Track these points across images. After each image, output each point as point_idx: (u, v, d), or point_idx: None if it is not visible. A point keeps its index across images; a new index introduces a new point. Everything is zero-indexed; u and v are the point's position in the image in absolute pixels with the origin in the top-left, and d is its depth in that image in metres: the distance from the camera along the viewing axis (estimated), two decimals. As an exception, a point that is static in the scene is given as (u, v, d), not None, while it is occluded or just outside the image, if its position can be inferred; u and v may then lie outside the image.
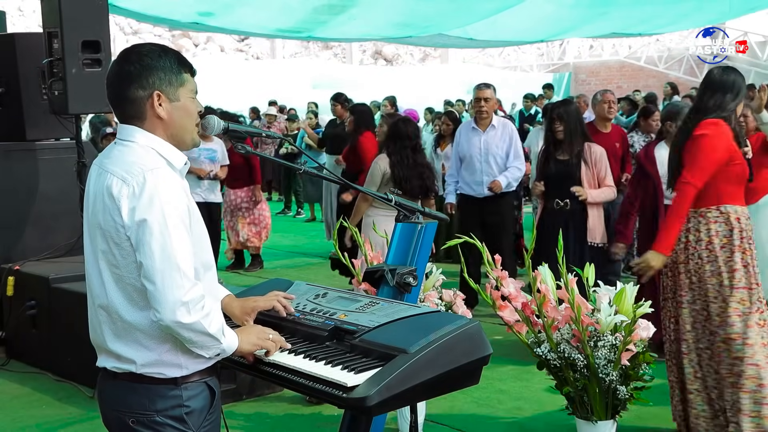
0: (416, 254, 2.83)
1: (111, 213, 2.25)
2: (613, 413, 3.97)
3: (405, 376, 2.17)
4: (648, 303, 3.89)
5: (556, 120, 6.02)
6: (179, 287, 2.19)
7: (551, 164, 6.07)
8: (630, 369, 3.90)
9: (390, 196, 2.84)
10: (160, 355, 2.29)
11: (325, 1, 11.86)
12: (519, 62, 28.68)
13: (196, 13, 11.98)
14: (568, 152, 6.00)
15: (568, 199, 5.95)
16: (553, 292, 3.98)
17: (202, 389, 2.37)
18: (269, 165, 15.48)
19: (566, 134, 5.98)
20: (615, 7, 14.11)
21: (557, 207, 6.02)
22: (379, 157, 5.97)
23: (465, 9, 12.84)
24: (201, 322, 2.22)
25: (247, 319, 2.58)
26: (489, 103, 6.91)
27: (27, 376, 5.92)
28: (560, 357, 3.94)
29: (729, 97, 4.21)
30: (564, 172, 5.98)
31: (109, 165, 2.31)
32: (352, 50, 30.26)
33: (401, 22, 13.53)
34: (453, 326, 2.30)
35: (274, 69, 23.65)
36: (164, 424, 2.31)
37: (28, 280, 6.11)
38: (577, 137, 6.00)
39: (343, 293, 2.71)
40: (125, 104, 2.34)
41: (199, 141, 2.47)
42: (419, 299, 3.50)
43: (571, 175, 5.95)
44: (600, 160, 5.99)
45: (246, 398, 5.25)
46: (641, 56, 25.47)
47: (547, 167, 6.11)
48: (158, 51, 2.35)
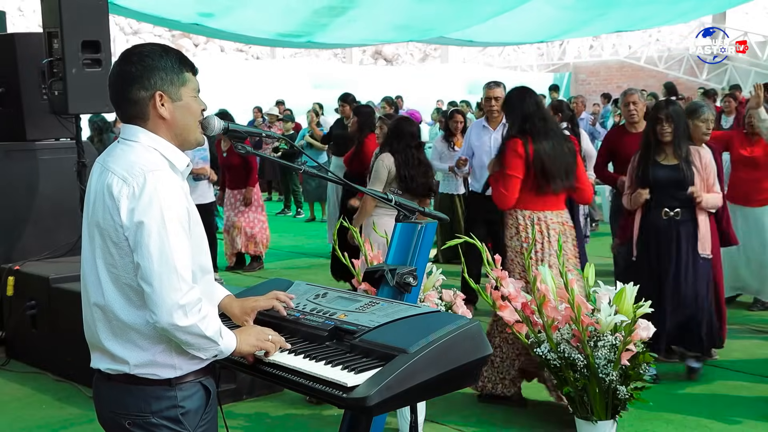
0: (416, 254, 2.83)
1: (111, 212, 2.25)
2: (613, 413, 3.98)
3: (405, 376, 2.17)
4: (648, 303, 3.90)
5: (664, 121, 5.36)
6: (176, 290, 2.19)
7: (656, 170, 5.40)
8: (630, 369, 3.91)
9: (390, 196, 2.84)
10: (153, 356, 2.29)
11: (325, 2, 11.86)
12: (519, 62, 28.67)
13: (197, 14, 11.98)
14: (677, 156, 5.38)
15: (678, 209, 5.35)
16: (553, 292, 3.99)
17: (197, 389, 2.37)
18: (269, 165, 15.49)
19: (675, 137, 5.36)
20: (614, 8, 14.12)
21: (666, 217, 5.37)
22: (383, 156, 5.95)
23: (465, 12, 12.84)
24: (198, 325, 2.23)
25: (247, 320, 2.59)
26: (500, 101, 6.91)
27: (27, 376, 5.92)
28: (560, 357, 3.94)
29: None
30: (673, 179, 5.35)
31: (111, 163, 2.32)
32: (352, 50, 30.22)
33: (402, 25, 13.53)
34: (453, 326, 2.30)
35: (274, 69, 23.61)
36: (160, 425, 2.31)
37: (28, 280, 6.11)
38: (685, 140, 5.42)
39: (343, 293, 2.71)
40: (128, 105, 2.34)
41: (203, 140, 2.47)
42: (419, 299, 3.50)
43: (681, 182, 5.32)
44: (709, 165, 5.44)
45: (246, 398, 5.25)
46: (641, 56, 25.47)
47: (649, 173, 5.41)
48: (159, 51, 2.35)
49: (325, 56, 31.76)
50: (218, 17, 12.21)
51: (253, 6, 11.73)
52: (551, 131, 5.05)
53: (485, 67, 27.77)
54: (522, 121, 5.02)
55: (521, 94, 5.17)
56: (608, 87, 23.73)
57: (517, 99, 5.14)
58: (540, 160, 4.90)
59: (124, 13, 12.76)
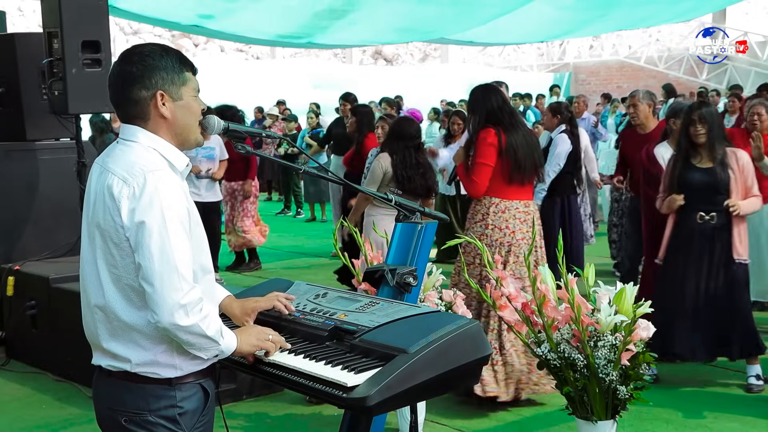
0: (416, 254, 2.83)
1: (111, 213, 2.25)
2: (613, 413, 3.97)
3: (405, 376, 2.17)
4: (648, 303, 3.89)
5: (698, 122, 5.24)
6: (177, 290, 2.19)
7: (691, 173, 5.29)
8: (630, 369, 3.90)
9: (390, 196, 2.84)
10: (155, 356, 2.29)
11: (326, 5, 11.85)
12: (519, 62, 28.68)
13: (197, 16, 11.98)
14: (712, 159, 5.28)
15: (714, 212, 5.24)
16: (553, 292, 3.98)
17: (196, 390, 2.37)
18: (269, 165, 15.48)
19: (709, 138, 5.25)
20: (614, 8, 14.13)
21: (701, 221, 5.25)
22: (381, 156, 5.95)
23: (466, 15, 12.84)
24: (199, 325, 2.23)
25: (248, 320, 2.59)
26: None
27: (27, 376, 5.92)
28: (560, 357, 3.94)
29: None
30: (709, 182, 5.23)
31: (110, 164, 2.32)
32: (352, 50, 30.22)
33: (402, 27, 13.53)
34: (453, 326, 2.31)
35: (274, 69, 23.61)
36: (157, 423, 2.32)
37: (28, 280, 6.11)
38: (721, 141, 5.32)
39: (343, 293, 2.71)
40: (128, 105, 2.34)
41: (203, 140, 2.47)
42: (419, 299, 3.50)
43: (717, 185, 5.22)
44: (746, 166, 5.31)
45: (246, 398, 5.25)
46: (641, 56, 25.47)
47: (685, 176, 5.30)
48: (160, 51, 2.35)
49: (325, 56, 31.75)
50: (218, 19, 12.20)
51: (253, 8, 11.72)
52: (519, 124, 5.22)
53: (485, 67, 27.77)
54: (487, 115, 5.15)
55: (485, 90, 5.32)
56: (608, 87, 23.74)
57: (481, 95, 5.28)
58: (513, 150, 5.05)
59: (123, 16, 12.76)
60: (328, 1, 11.78)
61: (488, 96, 5.25)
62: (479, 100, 5.28)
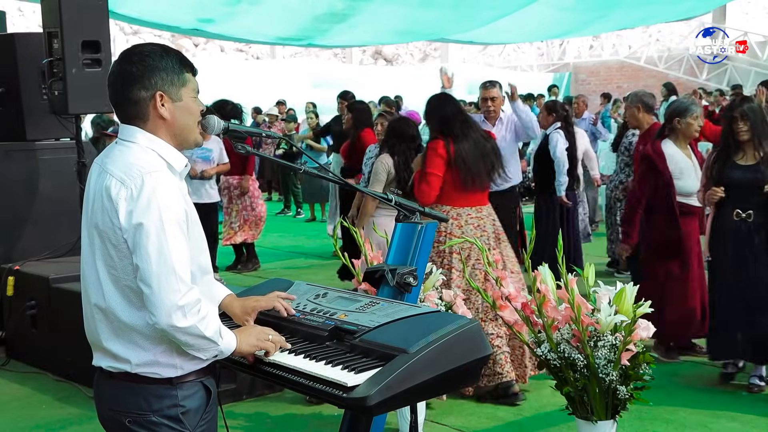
0: (416, 254, 2.83)
1: (109, 214, 2.25)
2: (613, 413, 3.97)
3: (405, 376, 2.17)
4: (648, 303, 3.89)
5: (740, 119, 5.18)
6: (175, 291, 2.20)
7: (732, 170, 5.21)
8: (630, 369, 3.90)
9: (390, 196, 2.84)
10: (155, 356, 2.29)
11: (326, 9, 11.84)
12: (519, 62, 28.68)
13: (196, 20, 11.96)
14: (754, 156, 5.21)
15: (752, 210, 5.17)
16: (553, 292, 3.98)
17: (197, 389, 2.37)
18: (269, 165, 15.48)
19: (753, 134, 5.18)
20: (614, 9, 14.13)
21: (737, 218, 5.19)
22: (383, 157, 5.96)
23: (466, 16, 12.84)
24: (197, 326, 2.23)
25: (248, 319, 2.59)
26: (496, 102, 7.11)
27: (27, 376, 5.92)
28: (560, 357, 3.94)
29: None
30: (750, 179, 5.15)
31: (109, 165, 2.32)
32: (352, 50, 30.22)
33: (403, 29, 13.53)
34: (453, 326, 2.31)
35: (274, 69, 23.61)
36: (160, 423, 2.32)
37: (28, 280, 6.11)
38: (765, 138, 5.22)
39: (343, 293, 2.71)
40: (127, 105, 2.34)
41: (202, 140, 2.47)
42: (419, 299, 3.50)
43: (758, 182, 5.13)
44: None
45: (246, 398, 5.25)
46: (641, 56, 25.47)
47: (725, 172, 5.23)
48: (160, 51, 2.35)
49: (325, 56, 31.77)
50: (218, 23, 12.19)
51: (253, 12, 11.70)
52: (472, 131, 5.33)
53: (485, 67, 27.75)
54: (440, 124, 5.30)
55: (440, 99, 5.56)
56: (608, 87, 23.72)
57: (435, 104, 5.48)
58: (462, 160, 5.17)
59: (124, 20, 12.76)
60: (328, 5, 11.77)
61: (442, 105, 5.43)
62: (433, 110, 5.46)
